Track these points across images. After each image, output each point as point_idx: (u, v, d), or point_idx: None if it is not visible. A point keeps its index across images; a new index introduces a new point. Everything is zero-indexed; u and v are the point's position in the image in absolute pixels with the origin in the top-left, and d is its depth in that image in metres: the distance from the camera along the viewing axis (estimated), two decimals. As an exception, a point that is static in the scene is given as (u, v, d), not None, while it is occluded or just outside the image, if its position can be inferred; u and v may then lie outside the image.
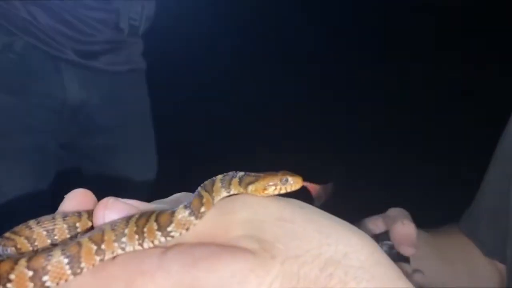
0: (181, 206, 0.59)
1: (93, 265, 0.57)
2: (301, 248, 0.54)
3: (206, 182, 0.63)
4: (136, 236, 0.57)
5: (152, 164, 2.23)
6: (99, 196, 0.65)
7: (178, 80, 3.90)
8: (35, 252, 0.60)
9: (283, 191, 0.63)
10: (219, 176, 0.65)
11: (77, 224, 0.64)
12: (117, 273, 0.56)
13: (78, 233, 0.64)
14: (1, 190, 1.81)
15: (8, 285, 0.54)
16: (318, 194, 0.71)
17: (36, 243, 0.64)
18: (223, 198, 0.63)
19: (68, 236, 0.64)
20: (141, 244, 0.58)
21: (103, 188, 0.71)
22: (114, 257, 0.58)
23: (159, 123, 2.28)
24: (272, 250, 0.54)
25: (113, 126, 2.09)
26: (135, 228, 0.57)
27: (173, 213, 0.58)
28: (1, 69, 1.85)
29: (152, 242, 0.58)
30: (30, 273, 0.54)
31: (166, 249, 0.56)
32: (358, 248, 0.55)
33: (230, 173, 0.65)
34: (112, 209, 0.61)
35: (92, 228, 0.61)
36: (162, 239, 0.58)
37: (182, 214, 0.58)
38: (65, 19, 1.87)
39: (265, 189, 0.62)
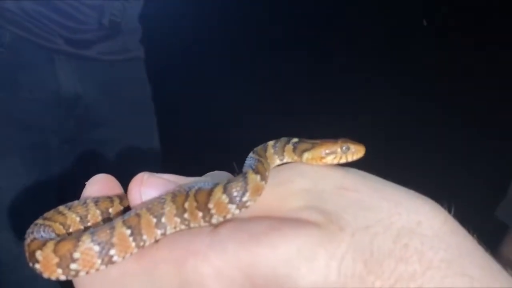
0: (249, 171, 0.52)
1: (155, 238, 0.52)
2: (370, 218, 0.49)
3: (257, 148, 0.57)
4: (200, 214, 0.51)
5: (155, 152, 2.18)
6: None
7: (178, 67, 3.83)
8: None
9: (343, 160, 0.57)
10: (271, 142, 0.58)
11: (110, 210, 0.59)
12: (164, 256, 0.50)
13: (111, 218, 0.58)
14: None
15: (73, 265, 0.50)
16: None
17: (70, 229, 0.59)
18: (276, 166, 0.57)
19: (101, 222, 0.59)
20: (208, 221, 0.51)
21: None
22: (157, 241, 0.53)
23: (160, 111, 2.22)
24: (339, 221, 0.48)
25: (113, 118, 2.02)
26: (195, 204, 0.51)
27: (245, 180, 0.51)
28: None
29: (224, 217, 0.51)
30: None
31: (215, 227, 0.51)
32: (430, 216, 0.50)
33: (283, 138, 0.58)
34: (149, 186, 0.55)
35: (126, 211, 0.56)
36: (237, 211, 0.51)
37: (255, 179, 0.51)
38: (55, 6, 1.78)
39: (322, 157, 0.56)
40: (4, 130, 1.79)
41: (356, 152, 0.58)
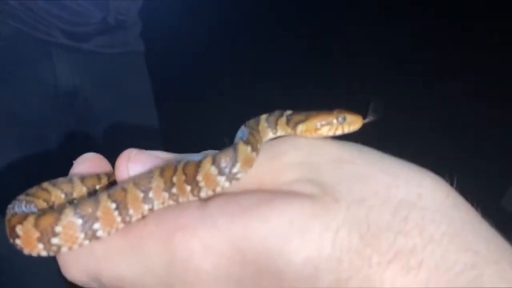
0: (239, 142, 0.50)
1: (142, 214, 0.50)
2: (366, 190, 0.46)
3: (249, 121, 0.55)
4: (189, 187, 0.49)
5: (156, 146, 2.15)
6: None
7: (178, 60, 3.82)
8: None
9: (339, 132, 0.54)
10: (264, 116, 0.56)
11: (97, 187, 0.57)
12: (151, 232, 0.48)
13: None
14: None
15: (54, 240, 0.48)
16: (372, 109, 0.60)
17: (54, 206, 0.57)
18: (269, 140, 0.54)
19: None
20: (197, 195, 0.49)
21: None
22: (145, 216, 0.50)
23: (162, 105, 2.20)
24: (333, 194, 0.45)
25: (113, 112, 1.99)
26: (183, 177, 0.49)
27: (235, 151, 0.49)
28: None
29: (213, 190, 0.49)
30: None
31: (206, 200, 0.48)
32: (432, 189, 0.47)
33: (276, 111, 0.56)
34: (136, 161, 0.53)
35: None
36: (227, 184, 0.49)
37: (245, 150, 0.49)
38: None
39: (317, 128, 0.53)
40: (1, 125, 1.77)
41: (352, 122, 0.55)
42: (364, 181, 0.47)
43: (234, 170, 0.49)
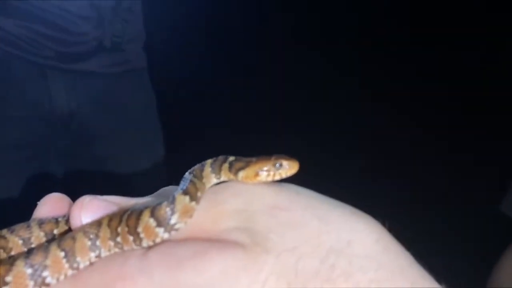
0: (178, 193, 0.52)
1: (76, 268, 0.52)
2: (298, 238, 0.48)
3: (195, 167, 0.57)
4: (131, 238, 0.51)
5: (159, 163, 2.14)
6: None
7: (183, 73, 3.84)
8: None
9: (277, 177, 0.56)
10: (209, 161, 0.58)
11: (55, 231, 0.59)
12: (95, 280, 0.50)
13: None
14: None
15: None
16: None
17: (12, 253, 0.59)
18: (213, 185, 0.57)
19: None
20: (139, 245, 0.51)
21: (111, 193, 0.66)
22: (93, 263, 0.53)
23: (166, 120, 2.20)
24: (265, 243, 0.47)
25: (110, 132, 1.98)
26: (126, 229, 0.51)
27: (173, 202, 0.51)
28: None
29: (154, 241, 0.51)
30: None
31: (147, 249, 0.50)
32: (363, 234, 0.49)
33: (220, 157, 0.59)
34: (89, 209, 0.55)
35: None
36: (166, 235, 0.51)
37: (183, 201, 0.51)
38: (45, 19, 1.75)
39: (257, 175, 0.55)
40: None
41: (289, 168, 0.57)
42: (296, 228, 0.49)
43: (172, 221, 0.51)
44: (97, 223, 0.53)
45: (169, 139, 2.25)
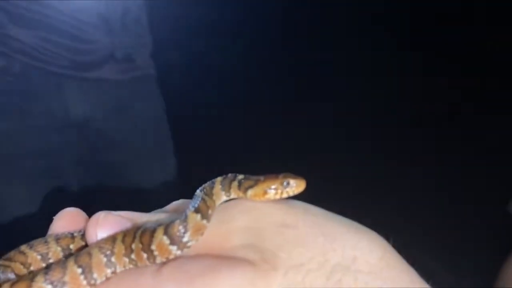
0: (190, 211, 0.54)
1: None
2: (305, 255, 0.50)
3: (205, 185, 0.59)
4: (145, 255, 0.53)
5: (172, 170, 2.17)
6: (122, 209, 0.61)
7: (193, 80, 3.86)
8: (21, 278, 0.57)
9: (284, 195, 0.58)
10: (219, 179, 0.61)
11: (71, 246, 0.61)
12: None
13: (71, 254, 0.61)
14: (13, 215, 1.79)
15: None
16: None
17: (31, 268, 0.62)
18: (223, 202, 0.59)
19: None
20: (153, 262, 0.54)
21: (125, 202, 0.68)
22: (108, 278, 0.55)
23: (176, 127, 2.23)
24: (273, 260, 0.49)
25: (126, 138, 2.02)
26: (140, 246, 0.54)
27: (185, 220, 0.53)
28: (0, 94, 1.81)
29: (167, 258, 0.53)
30: None
31: (161, 265, 0.53)
32: (367, 251, 0.51)
33: (230, 175, 0.61)
34: (104, 225, 0.58)
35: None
36: (178, 252, 0.53)
37: (195, 219, 0.53)
38: (58, 28, 1.79)
39: (265, 193, 0.57)
40: (15, 159, 1.83)
41: (297, 186, 0.59)
42: (303, 245, 0.51)
43: (185, 239, 0.53)
44: (112, 239, 0.56)
45: (181, 147, 2.27)
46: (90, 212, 0.62)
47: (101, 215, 0.58)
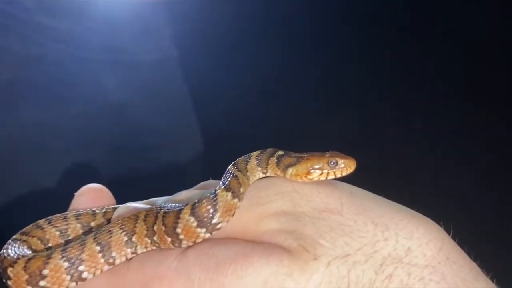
0: (220, 189, 0.48)
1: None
2: (351, 245, 0.43)
3: (239, 159, 0.52)
4: (169, 239, 0.48)
5: (199, 155, 2.16)
6: (155, 194, 0.57)
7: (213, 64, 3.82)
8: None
9: (331, 176, 0.51)
10: (255, 153, 0.53)
11: (92, 223, 0.57)
12: (132, 278, 0.47)
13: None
14: (47, 199, 1.80)
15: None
16: None
17: (49, 244, 0.58)
18: (258, 179, 0.52)
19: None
20: (178, 247, 0.48)
21: (156, 185, 0.63)
22: (130, 259, 0.50)
23: (199, 109, 2.20)
24: (314, 249, 0.43)
25: (157, 121, 2.03)
26: (163, 228, 0.48)
27: (214, 199, 0.47)
28: (36, 84, 1.83)
29: (194, 242, 0.47)
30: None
31: (186, 248, 0.47)
32: (424, 241, 0.44)
33: (269, 149, 0.53)
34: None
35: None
36: (207, 235, 0.47)
37: (225, 198, 0.47)
38: (90, 13, 1.81)
39: (308, 173, 0.50)
40: (53, 145, 1.84)
41: (345, 167, 0.52)
42: (349, 233, 0.44)
43: (214, 220, 0.47)
44: (134, 217, 0.51)
45: (207, 131, 2.24)
46: (122, 199, 0.59)
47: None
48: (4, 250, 0.53)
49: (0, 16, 1.74)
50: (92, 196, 0.59)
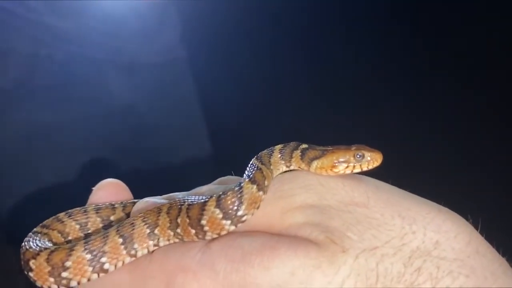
0: (245, 181, 0.47)
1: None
2: (379, 238, 0.43)
3: (262, 153, 0.52)
4: (193, 231, 0.47)
5: (208, 155, 2.15)
6: (162, 193, 0.57)
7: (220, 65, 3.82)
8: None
9: (357, 170, 0.50)
10: (279, 146, 0.53)
11: (111, 217, 0.57)
12: (155, 270, 0.47)
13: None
14: (60, 197, 1.80)
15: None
16: None
17: (69, 238, 0.58)
18: (282, 173, 0.51)
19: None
20: (202, 239, 0.48)
21: (164, 186, 0.64)
22: (152, 252, 0.50)
23: (207, 110, 2.20)
24: (342, 241, 0.42)
25: (164, 121, 2.03)
26: (187, 220, 0.47)
27: (240, 191, 0.46)
28: (44, 84, 1.83)
29: (219, 234, 0.47)
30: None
31: (210, 240, 0.47)
32: (452, 235, 0.43)
33: (292, 143, 0.53)
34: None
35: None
36: (232, 228, 0.46)
37: (250, 190, 0.46)
38: (96, 14, 1.81)
39: (333, 166, 0.49)
40: (61, 145, 1.84)
41: (372, 160, 0.51)
42: (377, 226, 0.44)
43: (240, 212, 0.46)
44: (157, 210, 0.51)
45: (215, 132, 2.24)
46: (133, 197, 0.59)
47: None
48: (26, 243, 0.53)
49: (8, 16, 1.75)
50: (110, 190, 0.59)
